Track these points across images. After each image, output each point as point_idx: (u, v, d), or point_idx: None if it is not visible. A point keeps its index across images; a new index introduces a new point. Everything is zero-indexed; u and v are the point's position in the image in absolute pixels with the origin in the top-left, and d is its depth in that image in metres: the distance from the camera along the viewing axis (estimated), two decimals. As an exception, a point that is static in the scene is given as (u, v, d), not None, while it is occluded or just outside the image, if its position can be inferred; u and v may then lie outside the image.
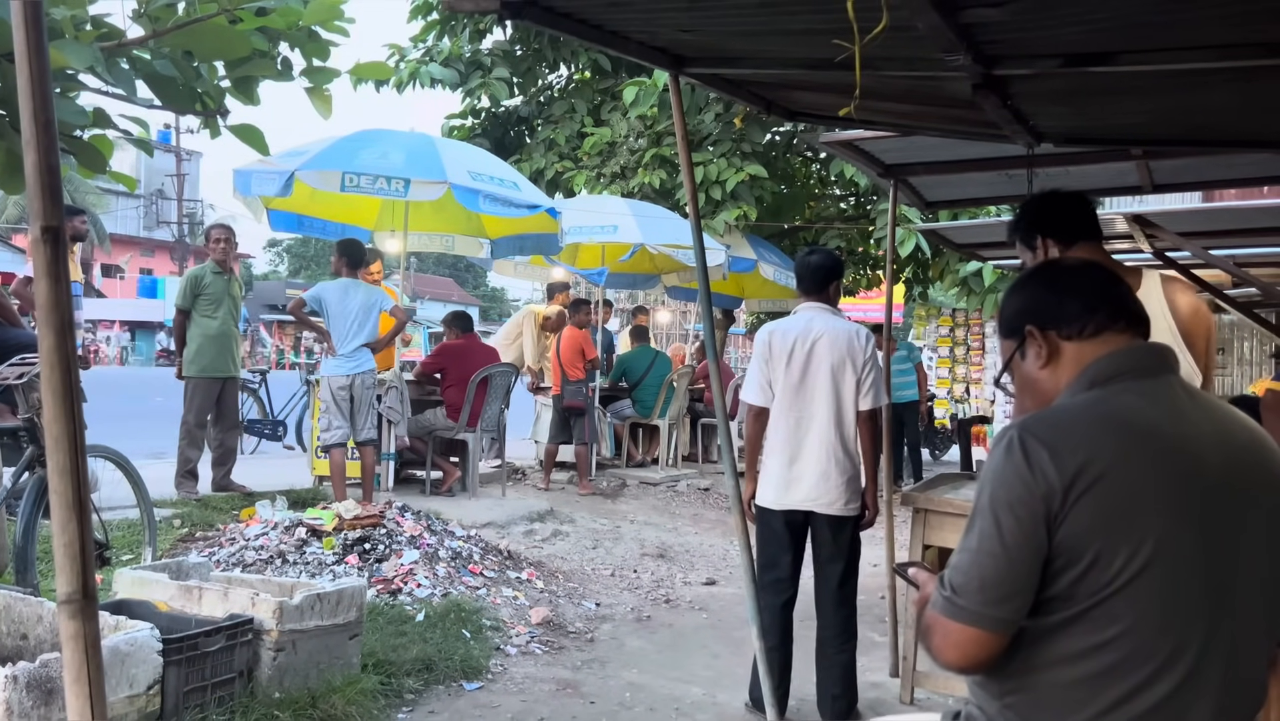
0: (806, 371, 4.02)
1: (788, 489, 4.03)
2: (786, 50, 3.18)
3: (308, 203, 8.03)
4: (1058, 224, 2.86)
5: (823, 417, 4.00)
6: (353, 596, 3.96)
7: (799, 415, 4.03)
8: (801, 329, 4.07)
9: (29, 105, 1.30)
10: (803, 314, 4.16)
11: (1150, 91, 3.24)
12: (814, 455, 4.00)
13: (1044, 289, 1.72)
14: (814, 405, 4.02)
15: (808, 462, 4.00)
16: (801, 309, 4.20)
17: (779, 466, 4.05)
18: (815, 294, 4.15)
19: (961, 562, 1.55)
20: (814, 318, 4.10)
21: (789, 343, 4.06)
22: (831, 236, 12.96)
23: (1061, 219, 2.87)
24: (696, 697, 4.38)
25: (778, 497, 4.05)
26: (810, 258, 4.21)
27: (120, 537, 5.59)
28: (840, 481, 4.00)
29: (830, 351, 4.01)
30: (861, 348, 4.03)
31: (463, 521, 6.63)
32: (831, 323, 4.08)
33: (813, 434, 4.01)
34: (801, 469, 4.01)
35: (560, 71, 13.23)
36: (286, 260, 59.84)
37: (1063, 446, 1.49)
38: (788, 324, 4.17)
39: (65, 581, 1.31)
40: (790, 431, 4.04)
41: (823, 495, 3.99)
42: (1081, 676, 1.49)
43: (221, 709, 3.39)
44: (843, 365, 4.01)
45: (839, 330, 4.05)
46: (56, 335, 1.33)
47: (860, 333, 4.08)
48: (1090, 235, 2.85)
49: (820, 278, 4.13)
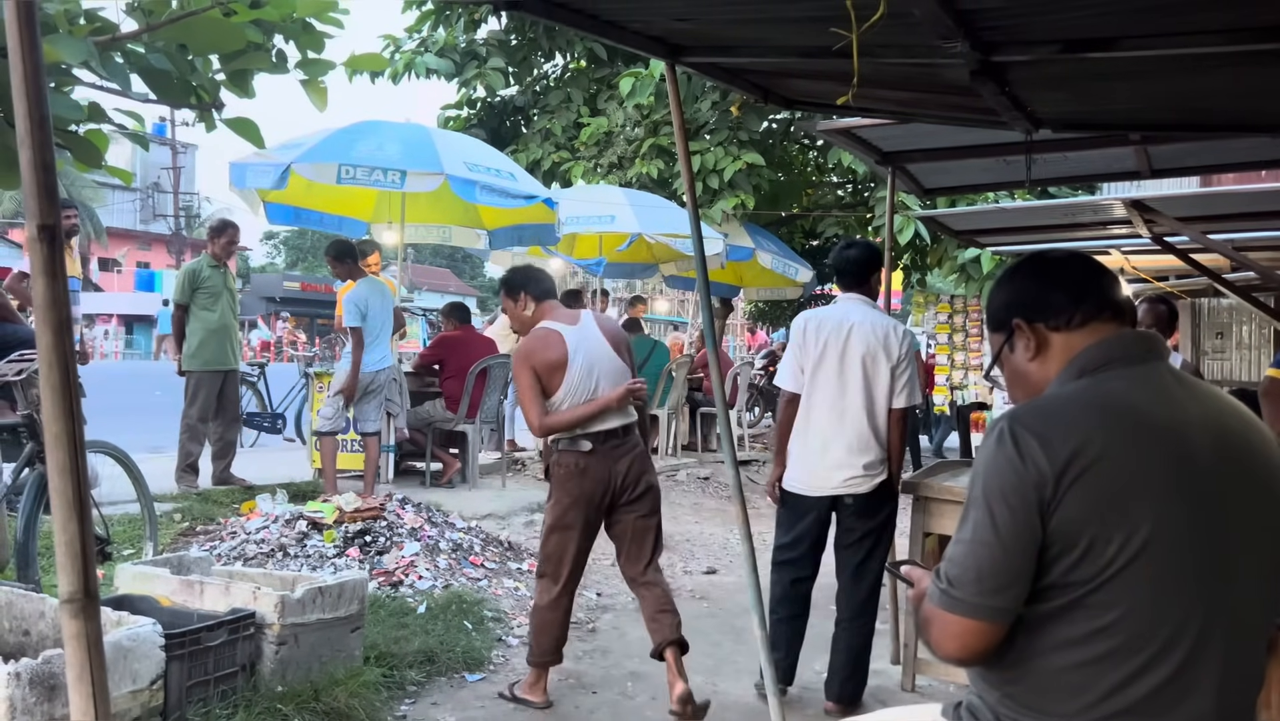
0: (841, 361, 4.05)
1: (816, 475, 4.08)
2: (783, 38, 3.17)
3: (304, 195, 8.00)
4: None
5: (854, 407, 4.03)
6: (354, 589, 3.97)
7: (831, 403, 4.06)
8: (838, 319, 4.11)
9: (23, 102, 1.29)
10: (842, 304, 4.21)
11: (1148, 76, 3.23)
12: (844, 443, 4.03)
13: (1030, 281, 1.74)
14: (846, 394, 4.05)
15: (838, 451, 4.04)
16: (841, 299, 4.24)
17: (809, 452, 4.09)
18: (856, 286, 4.18)
19: (957, 554, 1.56)
20: (852, 309, 4.14)
21: (824, 332, 4.09)
22: (829, 224, 12.95)
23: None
24: (698, 685, 4.37)
25: (807, 482, 4.10)
26: (849, 251, 4.23)
27: (121, 532, 5.59)
28: (866, 467, 4.03)
29: (864, 343, 4.03)
30: (898, 343, 4.05)
31: (463, 513, 6.63)
32: (869, 315, 4.11)
33: (843, 422, 4.04)
34: (831, 456, 4.04)
35: (556, 61, 13.21)
36: (284, 252, 59.76)
37: (1053, 435, 1.50)
38: (825, 313, 4.23)
39: (67, 580, 1.30)
40: (822, 418, 4.07)
41: (850, 480, 4.03)
42: (1080, 662, 1.50)
43: (224, 703, 3.40)
44: (875, 358, 4.03)
45: (875, 323, 4.08)
46: (54, 333, 1.33)
47: (898, 329, 4.10)
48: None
49: (861, 271, 4.15)
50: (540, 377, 3.97)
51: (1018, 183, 5.27)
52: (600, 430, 4.01)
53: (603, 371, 4.03)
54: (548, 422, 4.02)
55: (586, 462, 4.01)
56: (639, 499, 4.08)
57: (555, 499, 4.09)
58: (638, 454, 4.11)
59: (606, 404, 3.99)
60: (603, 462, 4.01)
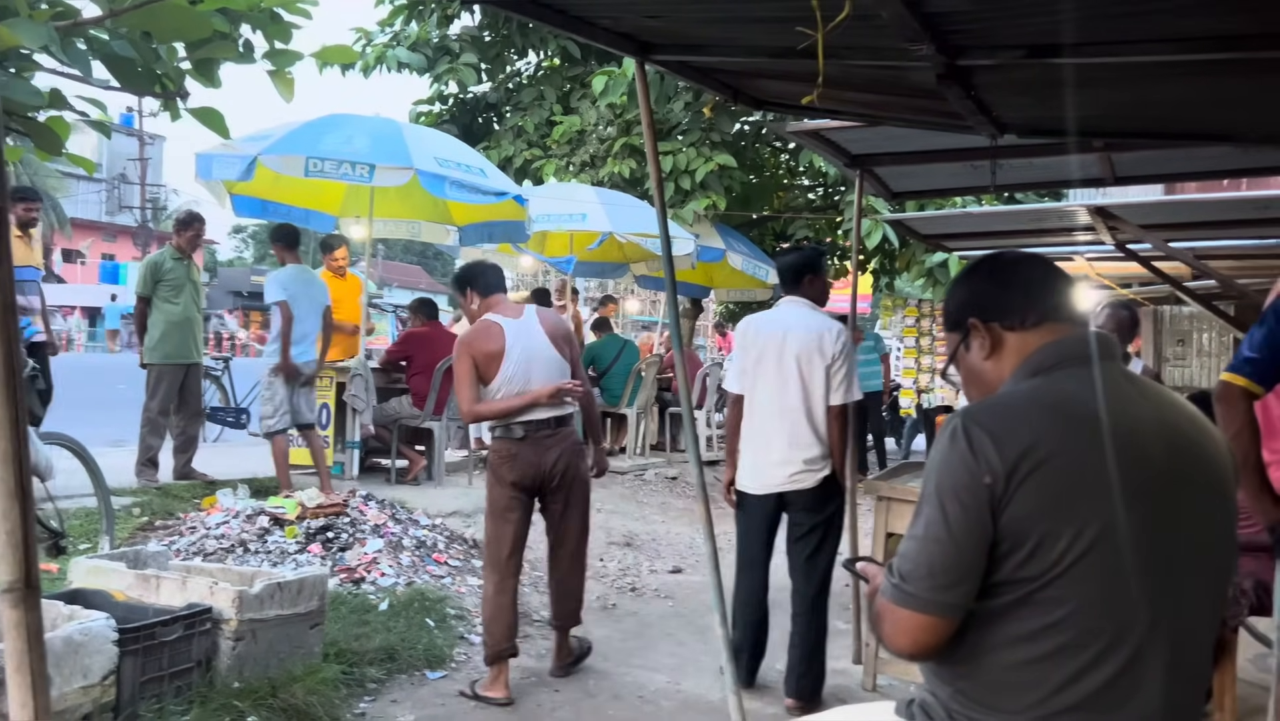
0: (779, 362, 4.18)
1: (762, 473, 4.21)
2: (752, 38, 3.17)
3: (271, 188, 7.92)
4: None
5: (793, 405, 4.15)
6: (314, 585, 3.93)
7: (772, 403, 4.19)
8: (776, 321, 4.28)
9: (-32, 81, 1.27)
10: (781, 307, 4.38)
11: (1113, 84, 3.26)
12: (785, 440, 4.15)
13: (986, 281, 1.77)
14: (785, 394, 4.17)
15: (780, 448, 4.16)
16: (781, 303, 4.41)
17: (755, 452, 4.23)
18: (792, 289, 4.34)
19: (909, 550, 1.57)
20: (789, 311, 4.30)
21: (763, 334, 4.26)
22: (800, 226, 12.99)
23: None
24: (661, 685, 4.39)
25: (753, 481, 4.24)
26: (786, 256, 4.41)
27: (77, 526, 5.51)
28: (809, 460, 4.14)
29: (800, 344, 4.16)
30: (832, 343, 4.17)
31: (428, 510, 6.59)
32: (805, 316, 4.24)
33: (784, 420, 4.16)
34: (775, 454, 4.17)
35: (529, 58, 13.16)
36: (252, 246, 59.19)
37: (1005, 433, 1.51)
38: (765, 316, 4.42)
39: (7, 570, 1.28)
40: (764, 418, 4.21)
41: (794, 476, 4.15)
42: (1030, 658, 1.51)
43: (179, 699, 3.36)
44: (810, 358, 4.15)
45: (811, 324, 4.21)
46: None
47: (832, 329, 4.22)
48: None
49: (797, 275, 4.31)
50: (478, 366, 4.16)
51: (984, 187, 5.31)
52: (531, 420, 4.20)
53: (537, 365, 4.21)
54: (477, 410, 4.23)
55: (518, 450, 4.20)
56: (566, 487, 4.29)
57: (489, 485, 4.30)
58: (569, 445, 4.29)
59: (535, 398, 4.17)
60: (533, 450, 4.20)
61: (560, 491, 4.30)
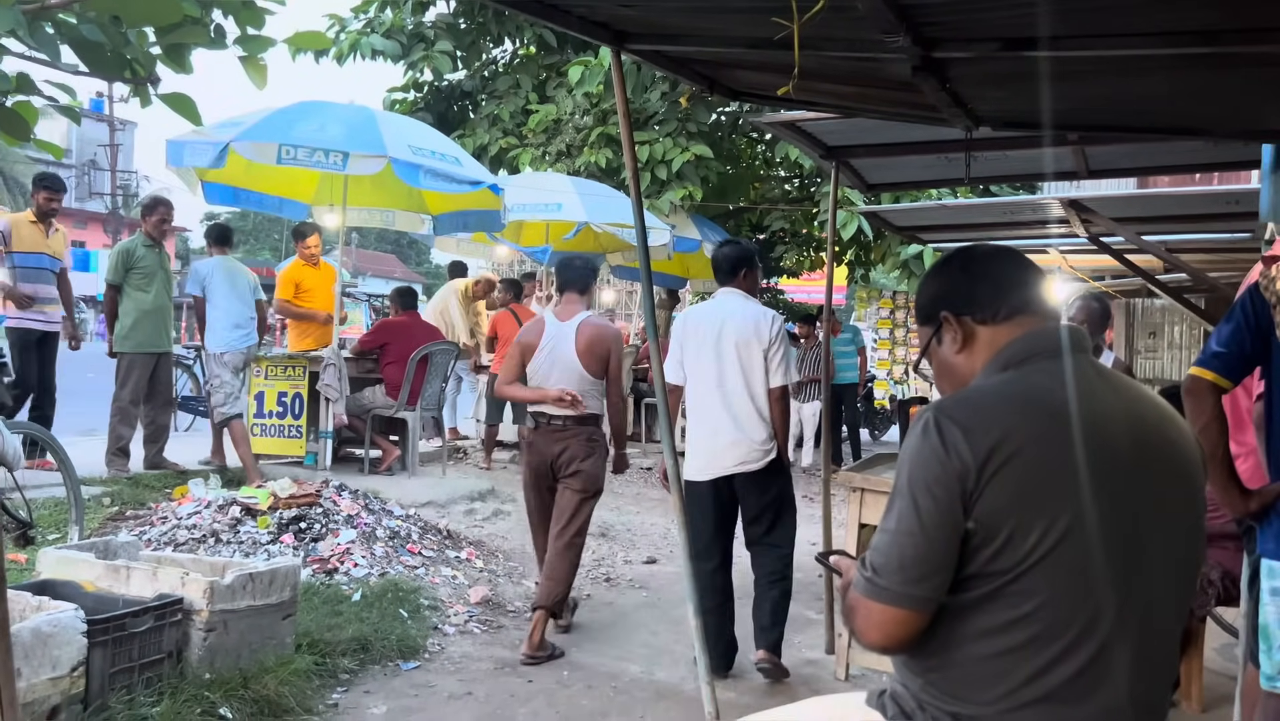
0: (718, 351, 4.37)
1: (711, 459, 4.36)
2: (728, 28, 3.16)
3: (244, 175, 7.83)
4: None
5: (735, 391, 4.34)
6: (286, 576, 3.91)
7: (714, 391, 4.36)
8: (713, 312, 4.47)
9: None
10: (718, 298, 4.55)
11: (1087, 77, 3.28)
12: (730, 425, 4.32)
13: (957, 275, 1.77)
14: (726, 381, 4.35)
15: (727, 433, 4.33)
16: (718, 294, 4.58)
17: (702, 439, 4.40)
18: (729, 281, 4.51)
19: (881, 543, 1.58)
20: (726, 302, 4.48)
21: (702, 325, 4.44)
22: (775, 218, 13.01)
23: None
24: (634, 675, 4.39)
25: (703, 467, 4.38)
26: (722, 249, 4.61)
27: (46, 516, 5.45)
28: (756, 443, 4.32)
29: (737, 332, 4.35)
30: (768, 328, 4.36)
31: (402, 500, 6.57)
32: (741, 306, 4.43)
33: (729, 407, 4.34)
34: (722, 439, 4.33)
35: (505, 46, 13.09)
36: (225, 234, 58.63)
37: (976, 426, 1.51)
38: (702, 308, 4.61)
39: (-30, 561, 1.26)
40: (709, 406, 4.38)
41: (742, 458, 4.32)
42: (1000, 650, 1.52)
43: (150, 690, 3.33)
44: (748, 344, 4.34)
45: (747, 313, 4.40)
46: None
47: (767, 315, 4.43)
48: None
49: (729, 267, 4.50)
50: (522, 352, 4.74)
51: (958, 180, 5.34)
52: (543, 413, 4.73)
53: (558, 369, 4.68)
54: (502, 388, 4.91)
55: (533, 438, 4.82)
56: (571, 476, 4.68)
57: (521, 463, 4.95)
58: (578, 440, 4.68)
59: (543, 397, 4.67)
60: (543, 440, 4.73)
61: (562, 480, 4.71)
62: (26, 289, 6.91)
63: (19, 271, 6.93)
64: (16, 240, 6.93)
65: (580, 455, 4.65)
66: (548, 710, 3.93)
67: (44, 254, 7.06)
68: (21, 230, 6.97)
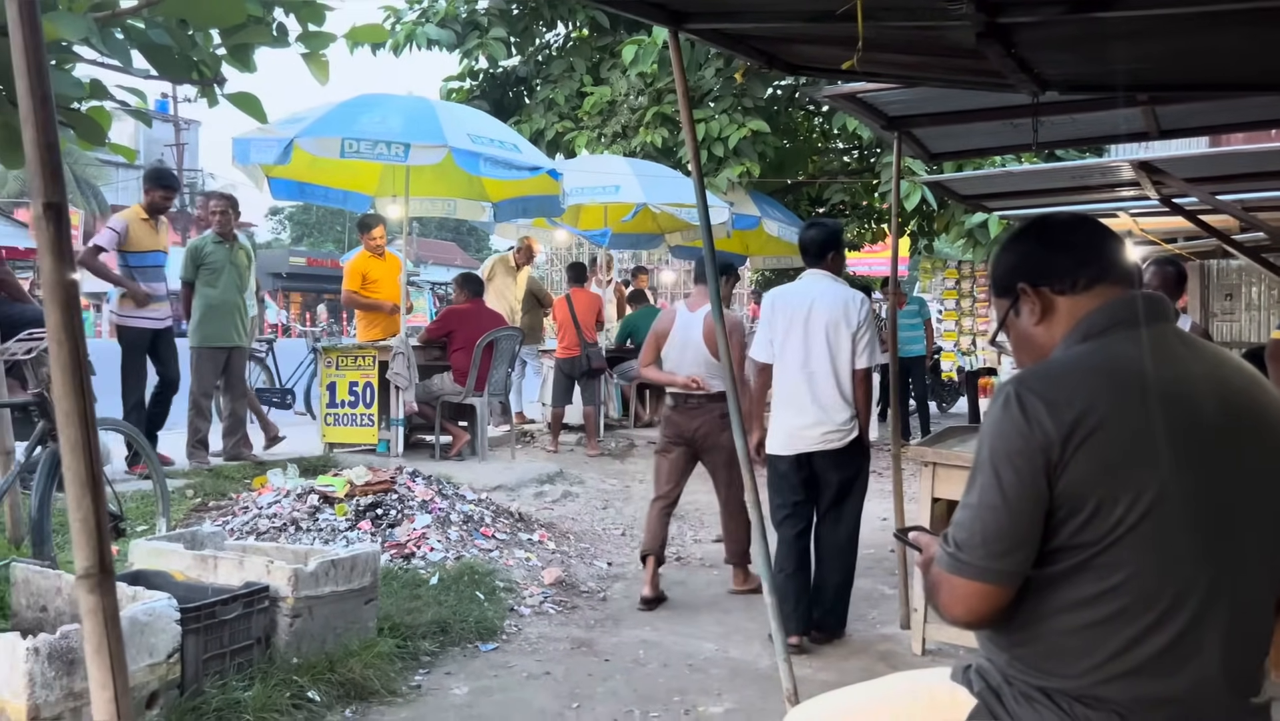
0: (806, 332, 4.52)
1: (794, 436, 4.54)
2: (787, 3, 3.13)
3: (308, 170, 7.98)
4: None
5: (821, 371, 4.48)
6: (367, 562, 4.00)
7: (800, 371, 4.52)
8: (801, 293, 4.61)
9: (25, 81, 1.29)
10: (805, 279, 4.70)
11: (1157, 35, 3.19)
12: (815, 404, 4.48)
13: (1035, 245, 1.74)
14: (812, 362, 4.50)
15: (810, 413, 4.49)
16: (805, 275, 4.73)
17: (786, 417, 4.56)
18: (816, 262, 4.67)
19: (964, 518, 1.57)
20: (814, 284, 4.62)
21: (790, 306, 4.60)
22: (835, 190, 12.88)
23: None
24: (709, 653, 4.42)
25: (785, 444, 4.56)
26: (808, 231, 4.75)
27: (134, 509, 5.63)
28: (838, 424, 4.48)
29: (826, 314, 4.49)
30: (856, 311, 4.51)
31: (473, 485, 6.67)
32: (829, 288, 4.58)
33: (813, 388, 4.49)
34: (806, 418, 4.50)
35: (558, 30, 13.10)
36: (289, 228, 59.71)
37: (1059, 398, 1.50)
38: (791, 288, 4.74)
39: (82, 556, 1.32)
40: (794, 386, 4.54)
41: (824, 437, 4.49)
42: (1088, 623, 1.51)
43: (241, 675, 3.44)
44: (836, 326, 4.48)
45: (835, 295, 4.54)
46: (63, 311, 1.33)
47: (855, 298, 4.55)
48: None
49: (816, 249, 4.67)
50: (656, 339, 5.30)
51: (1024, 146, 5.22)
52: (677, 393, 5.26)
53: (688, 353, 5.19)
54: (641, 371, 5.63)
55: (670, 414, 5.35)
56: (710, 450, 5.21)
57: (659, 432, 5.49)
58: (711, 417, 5.15)
59: (671, 380, 5.23)
60: (680, 416, 5.24)
61: (705, 454, 5.26)
62: (144, 287, 6.95)
63: (134, 270, 6.96)
64: (133, 239, 6.95)
65: (715, 430, 5.12)
66: (625, 689, 3.98)
67: (158, 251, 7.13)
68: (136, 228, 6.98)
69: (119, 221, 7.00)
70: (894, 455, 5.21)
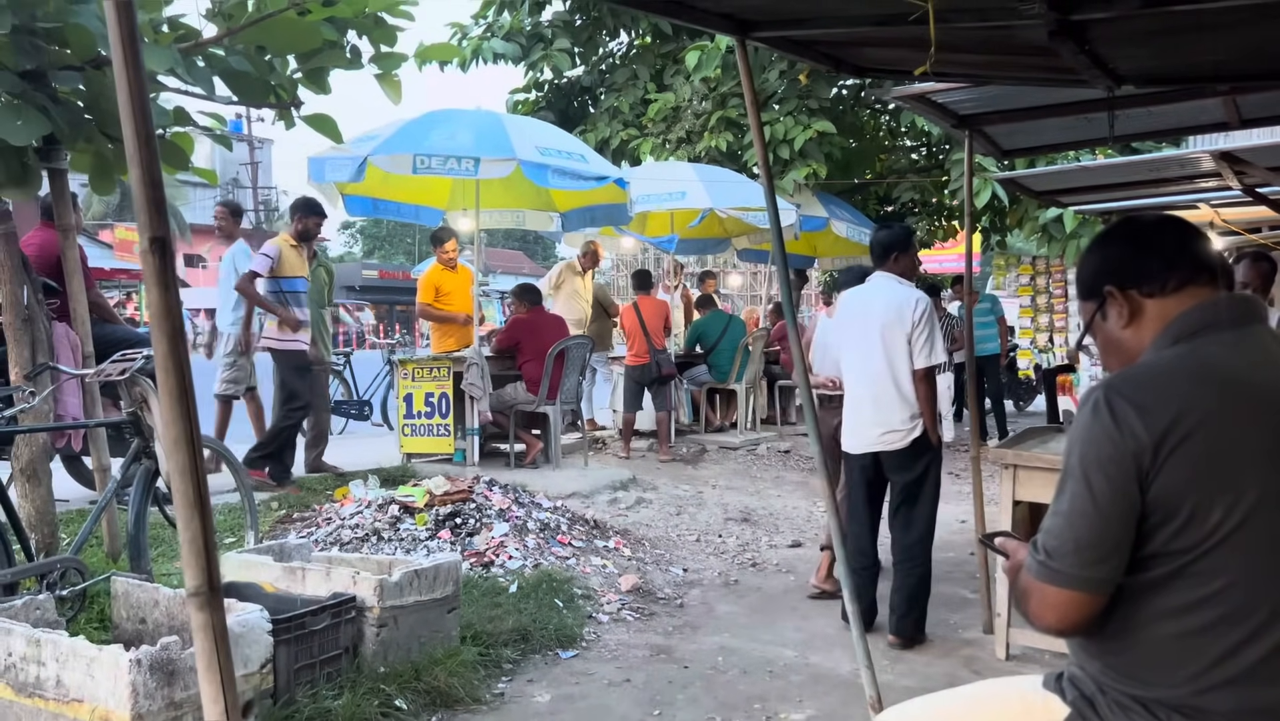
0: (864, 333, 4.60)
1: (858, 435, 4.66)
2: (855, 8, 3.12)
3: (381, 186, 8.14)
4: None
5: (878, 371, 4.54)
6: (449, 571, 4.07)
7: (861, 371, 4.62)
8: (865, 295, 4.72)
9: (130, 123, 1.35)
10: (871, 281, 4.77)
11: (1235, 26, 3.12)
12: (872, 406, 4.57)
13: (1121, 247, 1.71)
14: (871, 362, 4.58)
15: (869, 410, 4.58)
16: (872, 277, 4.79)
17: (850, 416, 4.70)
18: (880, 264, 4.73)
19: (1054, 526, 1.55)
20: (877, 285, 4.70)
21: (854, 308, 4.74)
22: (904, 189, 12.74)
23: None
24: (789, 660, 4.41)
25: (852, 442, 4.69)
26: (877, 234, 4.85)
27: (223, 521, 5.79)
28: (896, 423, 4.51)
29: (883, 314, 4.55)
30: (912, 311, 4.51)
31: (548, 492, 6.73)
32: (891, 289, 4.62)
33: (871, 388, 4.57)
34: (865, 415, 4.60)
35: (621, 38, 13.18)
36: (360, 241, 60.79)
37: (1151, 403, 1.48)
38: (857, 291, 4.85)
39: (192, 575, 1.37)
40: (855, 385, 4.67)
41: (883, 436, 4.55)
42: (1184, 631, 1.48)
43: (331, 684, 3.52)
44: (893, 327, 4.51)
45: (894, 296, 4.58)
46: (169, 340, 1.39)
47: (913, 298, 4.56)
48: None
49: (880, 251, 4.73)
50: (806, 345, 5.32)
51: (1100, 140, 5.13)
52: (821, 395, 5.32)
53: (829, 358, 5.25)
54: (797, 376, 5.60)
55: (820, 413, 5.00)
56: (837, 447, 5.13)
57: None
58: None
59: (814, 382, 5.20)
60: (826, 414, 5.19)
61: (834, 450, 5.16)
62: (297, 315, 7.06)
63: (286, 294, 7.08)
64: (284, 264, 7.06)
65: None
66: (705, 696, 3.99)
67: (304, 278, 7.23)
68: (286, 254, 7.10)
69: (272, 248, 7.10)
70: (973, 457, 5.15)
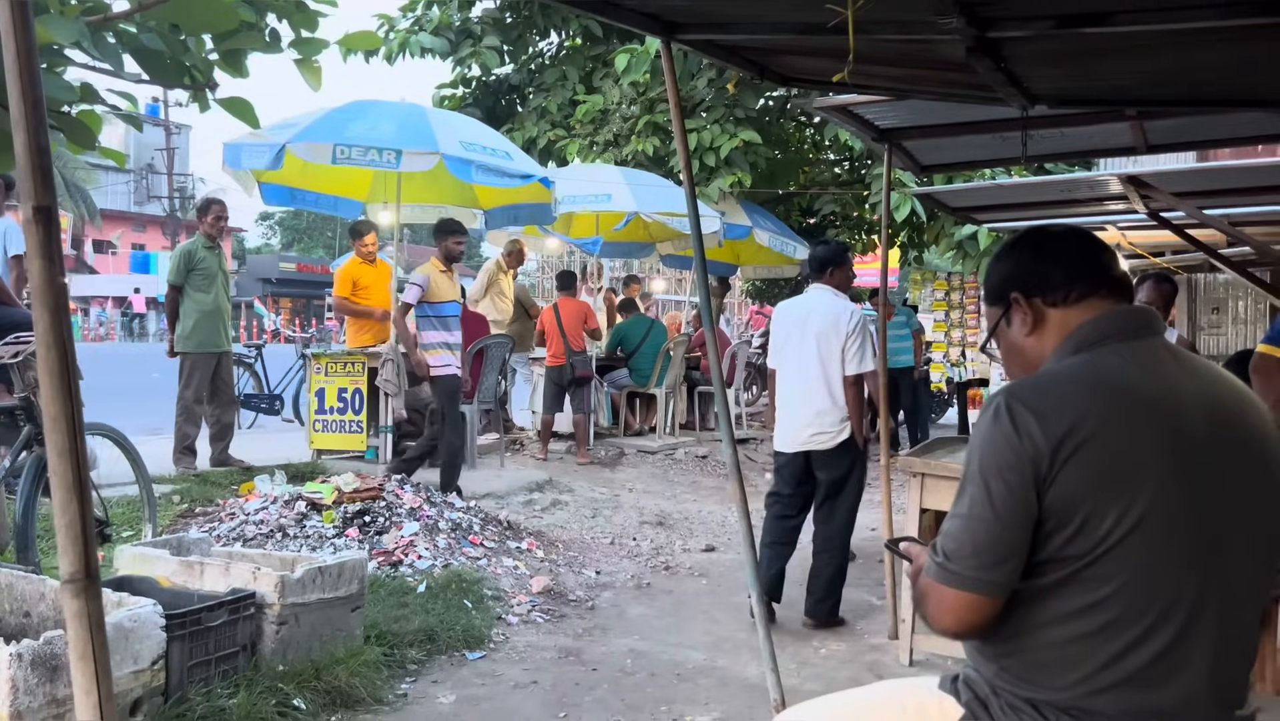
0: (801, 341, 4.93)
1: (791, 435, 4.98)
2: (779, 15, 3.15)
3: (299, 175, 7.97)
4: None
5: (813, 377, 4.88)
6: (354, 569, 3.98)
7: (796, 375, 4.94)
8: (802, 305, 5.08)
9: (17, 85, 1.29)
10: (808, 293, 5.14)
11: (1146, 51, 3.21)
12: (807, 407, 4.90)
13: (1028, 256, 1.75)
14: (806, 368, 4.90)
15: (803, 413, 4.91)
16: (809, 289, 5.15)
17: (785, 417, 5.02)
18: (817, 277, 5.09)
19: (953, 529, 1.57)
20: (814, 297, 5.05)
21: (791, 316, 5.07)
22: (826, 202, 12.91)
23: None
24: (698, 662, 4.42)
25: (784, 442, 5.02)
26: (815, 249, 5.24)
27: (120, 514, 5.60)
28: (827, 424, 4.86)
29: (819, 324, 4.90)
30: (846, 321, 4.87)
31: (462, 492, 6.64)
32: (826, 300, 4.98)
33: (806, 390, 4.90)
34: (799, 418, 4.93)
35: (551, 39, 13.13)
36: (279, 233, 59.57)
37: (1049, 410, 1.51)
38: (794, 301, 5.23)
39: (68, 561, 1.31)
40: (791, 388, 4.98)
41: (814, 437, 4.90)
42: (1076, 635, 1.51)
43: (226, 682, 3.42)
44: (827, 336, 4.86)
45: (830, 307, 4.94)
46: (52, 314, 1.32)
47: (847, 310, 4.94)
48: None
49: (817, 265, 5.11)
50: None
51: (1014, 159, 5.25)
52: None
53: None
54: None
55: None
56: None
57: None
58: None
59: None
60: None
61: None
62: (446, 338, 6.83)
63: (437, 319, 6.83)
64: (434, 290, 6.78)
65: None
66: (613, 698, 3.97)
67: (456, 301, 6.98)
68: (436, 279, 6.80)
69: (421, 276, 6.78)
70: (883, 465, 5.23)
